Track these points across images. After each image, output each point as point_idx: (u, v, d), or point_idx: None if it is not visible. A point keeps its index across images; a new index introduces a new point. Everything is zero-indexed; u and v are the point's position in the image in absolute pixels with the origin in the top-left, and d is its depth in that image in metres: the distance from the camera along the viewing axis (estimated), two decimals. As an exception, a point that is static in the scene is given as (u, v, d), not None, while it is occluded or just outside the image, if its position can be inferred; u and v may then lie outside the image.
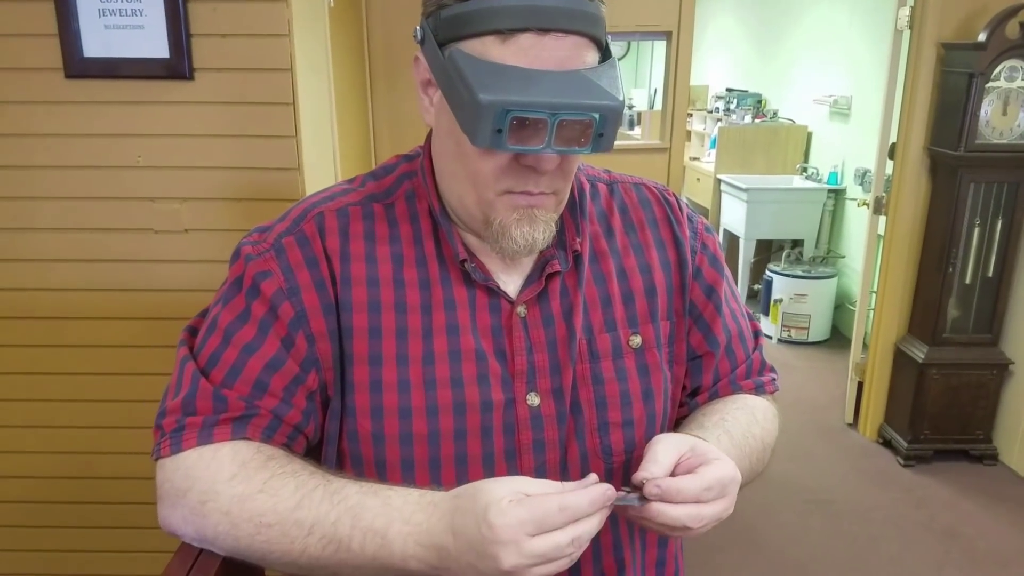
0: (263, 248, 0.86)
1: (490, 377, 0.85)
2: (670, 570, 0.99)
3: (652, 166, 3.78)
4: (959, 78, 2.94)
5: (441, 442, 0.84)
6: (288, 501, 0.76)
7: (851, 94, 4.71)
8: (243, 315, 0.85)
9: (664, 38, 3.81)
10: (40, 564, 1.99)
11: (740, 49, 6.64)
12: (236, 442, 0.81)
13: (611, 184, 0.99)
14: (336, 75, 2.21)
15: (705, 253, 0.98)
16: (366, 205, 0.90)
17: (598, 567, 0.90)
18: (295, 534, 0.75)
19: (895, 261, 3.28)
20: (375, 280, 0.86)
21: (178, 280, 1.80)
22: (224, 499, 0.77)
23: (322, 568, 0.76)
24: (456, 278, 0.87)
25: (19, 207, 1.76)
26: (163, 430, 0.82)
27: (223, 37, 1.67)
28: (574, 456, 0.88)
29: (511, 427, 0.86)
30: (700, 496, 0.74)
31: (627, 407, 0.89)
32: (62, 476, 1.93)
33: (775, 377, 1.04)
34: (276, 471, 0.78)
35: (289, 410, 0.84)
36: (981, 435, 3.27)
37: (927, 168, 3.17)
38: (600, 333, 0.90)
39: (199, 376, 0.83)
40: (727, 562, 2.66)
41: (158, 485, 0.82)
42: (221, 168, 1.75)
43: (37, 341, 1.84)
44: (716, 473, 0.76)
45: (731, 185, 5.23)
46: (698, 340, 0.97)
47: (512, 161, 0.79)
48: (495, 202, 0.82)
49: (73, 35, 1.65)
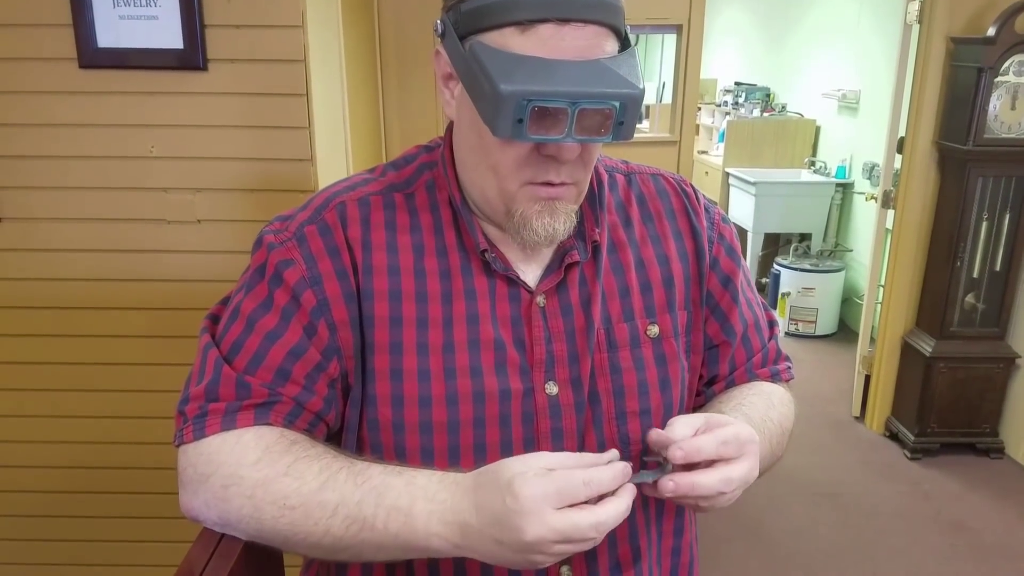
0: (285, 237, 0.87)
1: (508, 366, 0.86)
2: (685, 559, 0.99)
3: (662, 159, 3.78)
4: (968, 72, 2.94)
5: (460, 430, 0.85)
6: (312, 483, 0.77)
7: (860, 88, 4.70)
8: (266, 303, 0.85)
9: (674, 31, 3.81)
10: (59, 554, 2.00)
11: (749, 43, 6.62)
12: (259, 427, 0.82)
13: (629, 175, 1.00)
14: (348, 67, 2.21)
15: (722, 243, 0.99)
16: (387, 195, 0.90)
17: (613, 555, 0.91)
18: (319, 515, 0.76)
19: (903, 255, 3.28)
20: (396, 269, 0.87)
21: (191, 270, 1.81)
22: (248, 483, 0.78)
23: (344, 549, 0.77)
24: (476, 268, 0.88)
25: (32, 197, 1.77)
26: (186, 416, 0.83)
27: (237, 28, 1.67)
28: (592, 445, 0.88)
29: (530, 416, 0.86)
30: (719, 451, 0.75)
31: (644, 396, 0.90)
32: (77, 466, 1.95)
33: (790, 365, 1.05)
34: (300, 455, 0.79)
35: (311, 397, 0.84)
36: (988, 429, 3.27)
37: (935, 162, 3.17)
38: (618, 323, 0.91)
39: (222, 363, 0.84)
40: (734, 554, 2.67)
41: (180, 471, 0.83)
42: (234, 159, 1.75)
43: (50, 331, 1.85)
44: (732, 430, 0.77)
45: (739, 179, 5.22)
46: (715, 329, 0.98)
47: (533, 151, 0.80)
48: (516, 194, 0.83)
49: (87, 25, 1.65)
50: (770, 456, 0.92)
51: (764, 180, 4.99)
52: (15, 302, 1.84)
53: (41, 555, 2.01)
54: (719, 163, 5.64)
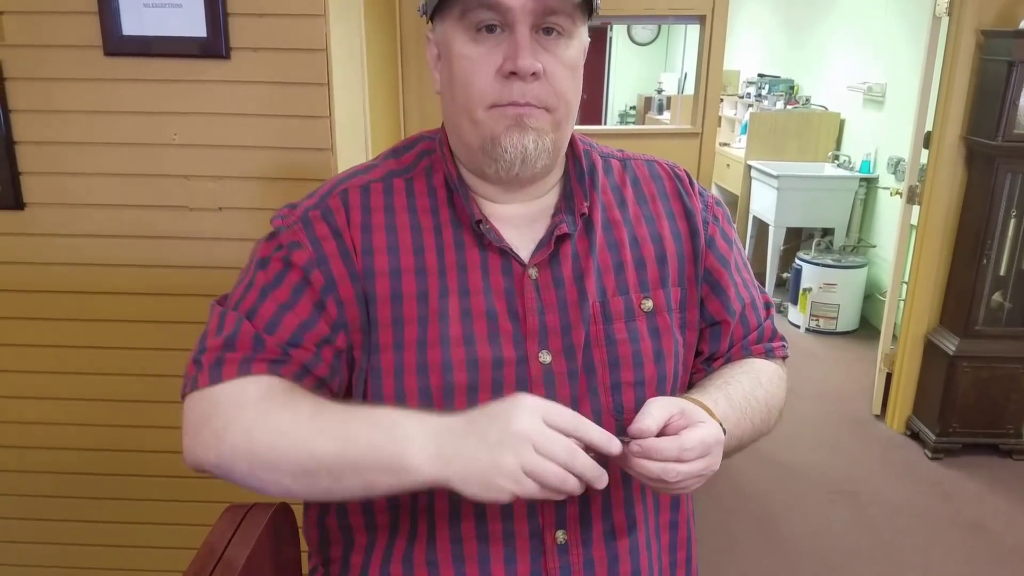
0: (292, 220, 0.93)
1: (501, 335, 0.90)
2: (683, 534, 1.03)
3: (683, 151, 3.75)
4: (998, 66, 2.89)
5: (455, 395, 0.88)
6: (306, 410, 0.82)
7: (885, 81, 4.64)
8: (278, 278, 0.91)
9: (698, 22, 3.77)
10: (74, 534, 2.03)
11: (772, 34, 6.55)
12: (269, 376, 0.87)
13: (624, 160, 1.05)
14: (369, 56, 2.21)
15: (717, 224, 1.03)
16: (387, 180, 0.96)
17: (608, 522, 0.94)
18: (307, 436, 0.80)
19: (928, 251, 3.24)
20: (395, 248, 0.92)
21: (212, 257, 1.82)
22: (247, 416, 0.83)
23: (327, 474, 0.79)
24: (470, 242, 0.93)
25: (55, 182, 1.79)
26: (200, 364, 0.87)
27: (260, 17, 1.68)
28: (586, 414, 0.89)
29: (524, 383, 0.90)
30: (680, 456, 0.80)
31: (639, 367, 0.94)
32: (97, 448, 1.97)
33: (785, 344, 1.09)
34: (299, 393, 0.86)
35: (319, 363, 0.89)
36: (1012, 429, 3.23)
37: (963, 157, 3.12)
38: (613, 296, 0.95)
39: (242, 319, 0.88)
40: (750, 552, 2.66)
41: (185, 419, 0.87)
42: (256, 147, 1.76)
43: (74, 315, 1.87)
44: (698, 435, 0.81)
45: (762, 172, 5.17)
46: (716, 307, 1.01)
47: (496, 75, 0.86)
48: (485, 119, 0.88)
49: (113, 13, 1.66)
50: (752, 433, 0.97)
51: (787, 173, 4.94)
52: (40, 286, 1.86)
53: (55, 535, 2.03)
54: (741, 155, 5.59)
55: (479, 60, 0.87)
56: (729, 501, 2.89)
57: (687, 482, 0.82)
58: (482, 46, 0.86)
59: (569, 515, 0.92)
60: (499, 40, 0.86)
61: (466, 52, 0.87)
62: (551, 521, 0.91)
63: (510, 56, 0.85)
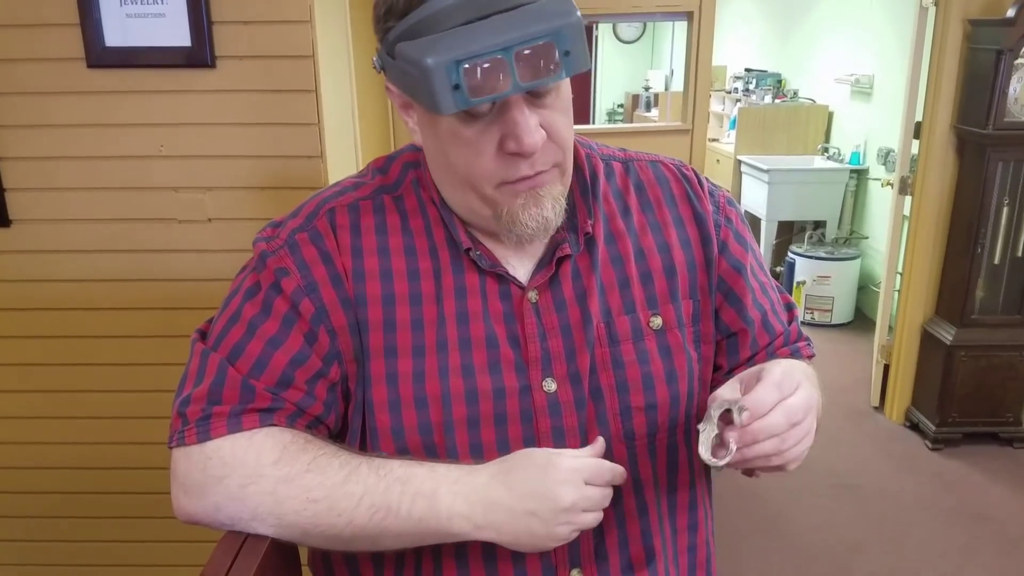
0: (276, 244, 0.87)
1: (502, 364, 0.85)
2: (702, 555, 0.98)
3: (674, 148, 3.74)
4: (986, 55, 2.88)
5: (456, 430, 0.84)
6: (336, 476, 0.78)
7: (873, 73, 4.64)
8: (266, 309, 0.85)
9: (685, 18, 3.76)
10: (66, 555, 2.00)
11: (759, 28, 6.56)
12: (268, 428, 0.81)
13: (626, 162, 0.97)
14: (356, 62, 2.19)
15: (730, 227, 0.96)
16: (376, 198, 0.90)
17: (625, 556, 0.90)
18: (343, 506, 0.77)
19: (921, 242, 3.23)
20: (388, 273, 0.86)
21: (202, 269, 1.80)
22: (269, 480, 0.78)
23: (364, 538, 0.79)
24: (468, 265, 0.87)
25: (41, 197, 1.76)
26: (186, 418, 0.82)
27: (245, 24, 1.65)
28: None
29: (528, 414, 0.85)
30: (783, 390, 0.76)
31: (650, 390, 0.88)
32: (87, 467, 1.94)
33: (810, 343, 1.03)
34: (318, 452, 0.80)
35: (312, 403, 0.85)
36: (1011, 417, 3.23)
37: (954, 147, 3.12)
38: (619, 316, 0.88)
39: (227, 365, 0.83)
40: (754, 547, 2.64)
41: (179, 475, 0.82)
42: (244, 157, 1.74)
43: (62, 332, 1.84)
44: (777, 370, 0.78)
45: (752, 166, 5.18)
46: (731, 317, 0.95)
47: (498, 152, 0.78)
48: (496, 196, 0.82)
49: (94, 24, 1.63)
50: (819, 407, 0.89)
51: (777, 167, 4.94)
52: (27, 304, 1.83)
53: (48, 556, 2.00)
54: (730, 151, 5.59)
55: (476, 141, 0.78)
56: (734, 501, 2.88)
57: (800, 447, 0.78)
58: (474, 127, 0.77)
59: (583, 552, 0.87)
60: (492, 118, 0.77)
61: (458, 132, 0.78)
62: (564, 560, 0.87)
63: (510, 135, 0.76)
